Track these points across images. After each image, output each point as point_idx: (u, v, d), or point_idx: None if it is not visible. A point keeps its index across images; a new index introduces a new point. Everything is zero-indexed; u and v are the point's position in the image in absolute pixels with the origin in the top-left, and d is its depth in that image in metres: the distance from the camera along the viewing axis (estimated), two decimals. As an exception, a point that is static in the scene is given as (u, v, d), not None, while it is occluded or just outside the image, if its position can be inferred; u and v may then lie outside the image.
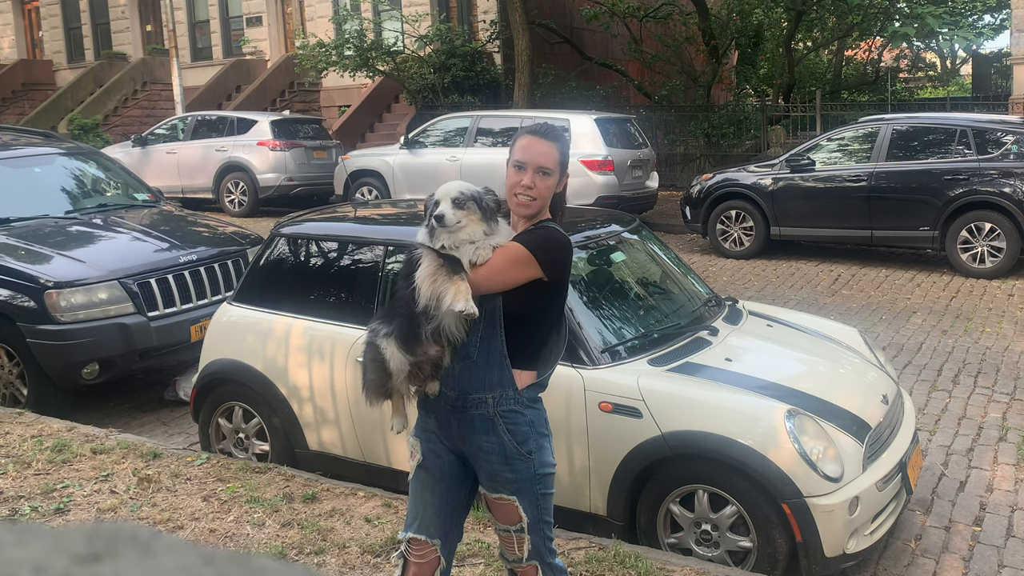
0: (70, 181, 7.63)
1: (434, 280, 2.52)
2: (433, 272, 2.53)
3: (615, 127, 13.03)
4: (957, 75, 37.30)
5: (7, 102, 24.70)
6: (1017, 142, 9.61)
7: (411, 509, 2.74)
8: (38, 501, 4.30)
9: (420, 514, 2.70)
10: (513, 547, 2.68)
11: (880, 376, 4.43)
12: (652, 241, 5.06)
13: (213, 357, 4.92)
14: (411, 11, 19.03)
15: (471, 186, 2.62)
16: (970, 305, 8.62)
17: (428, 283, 2.53)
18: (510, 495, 2.61)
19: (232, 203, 15.36)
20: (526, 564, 2.69)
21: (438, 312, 2.52)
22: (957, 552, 4.11)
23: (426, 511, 2.70)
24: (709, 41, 19.09)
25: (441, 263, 2.54)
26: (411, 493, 2.76)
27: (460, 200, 2.56)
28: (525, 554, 2.66)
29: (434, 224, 2.56)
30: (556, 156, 2.61)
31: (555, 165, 2.61)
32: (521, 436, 2.60)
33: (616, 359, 3.94)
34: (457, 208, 2.56)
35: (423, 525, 2.69)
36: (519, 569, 2.71)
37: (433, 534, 2.69)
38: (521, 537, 2.65)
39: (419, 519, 2.70)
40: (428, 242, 2.59)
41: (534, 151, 2.59)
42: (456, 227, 2.55)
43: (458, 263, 2.53)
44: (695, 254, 11.39)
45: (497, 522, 2.69)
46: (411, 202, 5.66)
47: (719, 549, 3.74)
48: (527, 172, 2.57)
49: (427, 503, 2.70)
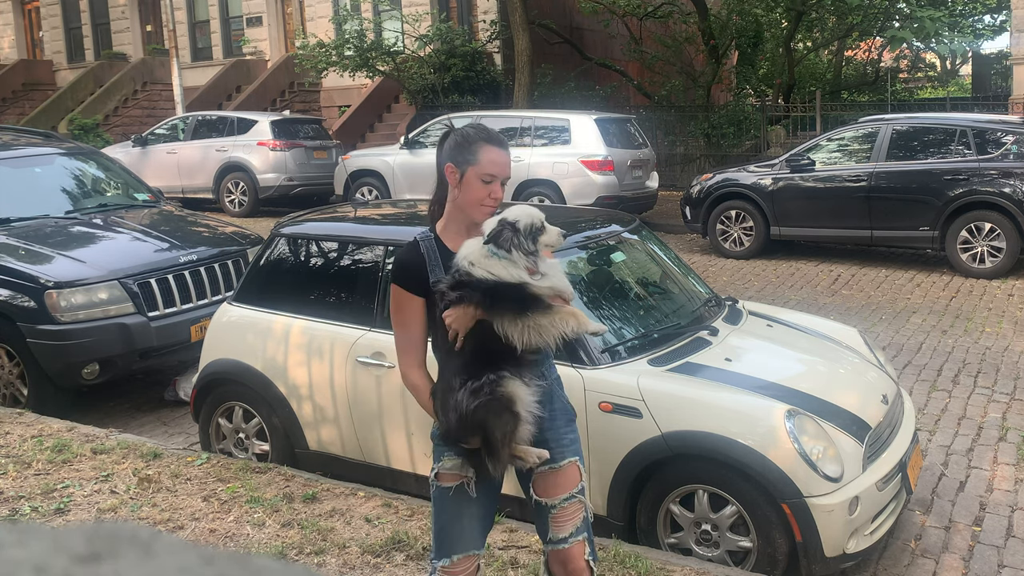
0: (70, 181, 7.63)
1: (547, 315, 2.49)
2: (543, 311, 2.49)
3: (615, 127, 13.04)
4: (957, 75, 37.31)
5: (7, 102, 24.71)
6: (1017, 142, 9.61)
7: (451, 529, 2.63)
8: (38, 501, 4.30)
9: (466, 531, 2.63)
10: (572, 518, 2.66)
11: (880, 376, 4.43)
12: (652, 241, 5.06)
13: (213, 357, 4.92)
14: (411, 11, 19.04)
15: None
16: (970, 305, 8.62)
17: (538, 320, 2.49)
18: (573, 455, 2.70)
19: (232, 203, 15.36)
20: (580, 538, 2.66)
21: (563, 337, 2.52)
22: (957, 552, 4.11)
23: (471, 524, 2.63)
24: (709, 41, 19.10)
25: (539, 303, 2.50)
26: (449, 513, 2.63)
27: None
28: (580, 522, 2.66)
29: (536, 249, 2.51)
30: (511, 163, 2.69)
31: (509, 171, 2.69)
32: (568, 398, 2.80)
33: (616, 359, 3.94)
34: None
35: (469, 541, 2.63)
36: (570, 548, 2.64)
37: (479, 545, 2.67)
38: (582, 501, 2.68)
39: (465, 536, 2.62)
40: (513, 267, 2.47)
41: (502, 165, 2.63)
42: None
43: (542, 300, 2.51)
44: (695, 254, 11.39)
45: (558, 496, 2.65)
46: (411, 202, 5.66)
47: (719, 549, 3.74)
48: (496, 185, 2.62)
49: (472, 516, 2.63)
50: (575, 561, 2.66)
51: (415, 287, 2.63)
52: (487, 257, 2.46)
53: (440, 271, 2.60)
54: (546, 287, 2.51)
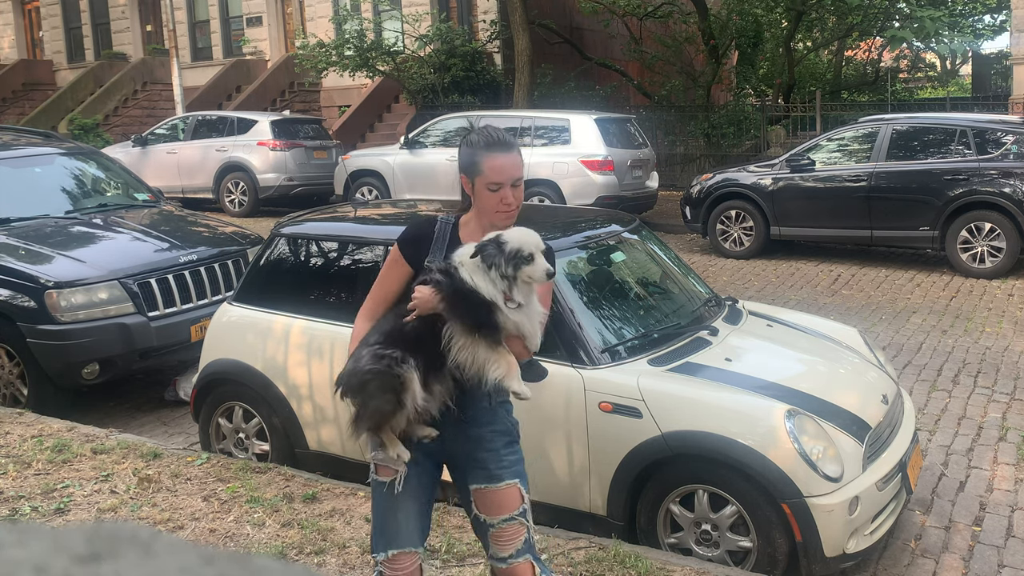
0: (70, 181, 7.63)
1: (489, 350, 2.46)
2: (489, 344, 2.46)
3: (615, 127, 13.04)
4: (957, 75, 37.31)
5: (7, 102, 24.71)
6: (1017, 142, 9.61)
7: (386, 525, 2.65)
8: (38, 501, 4.30)
9: (401, 526, 2.64)
10: (512, 540, 2.64)
11: (880, 376, 4.43)
12: (652, 241, 5.06)
13: (213, 357, 4.92)
14: (411, 11, 19.04)
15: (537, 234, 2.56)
16: (970, 305, 8.62)
17: (479, 348, 2.46)
18: (513, 478, 2.65)
19: (232, 203, 15.36)
20: (521, 560, 2.65)
21: (484, 378, 2.47)
22: (957, 552, 4.11)
23: (408, 521, 2.64)
24: (709, 41, 19.10)
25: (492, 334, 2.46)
26: (383, 508, 2.66)
27: (544, 253, 2.52)
28: (521, 544, 2.64)
29: (515, 275, 2.44)
30: (522, 160, 2.65)
31: (523, 169, 2.64)
32: (514, 419, 2.72)
33: (616, 359, 3.94)
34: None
35: (407, 537, 2.64)
36: (513, 567, 2.65)
37: (417, 542, 2.66)
38: (523, 524, 2.65)
39: (401, 532, 2.63)
40: (493, 287, 2.45)
41: (507, 169, 2.58)
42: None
43: (498, 332, 2.47)
44: (695, 254, 11.39)
45: (496, 516, 2.64)
46: (411, 202, 5.66)
47: (719, 549, 3.74)
48: (505, 189, 2.57)
49: (408, 513, 2.64)
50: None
51: (411, 257, 2.68)
52: (475, 265, 2.47)
53: (440, 254, 2.63)
54: (512, 321, 2.48)
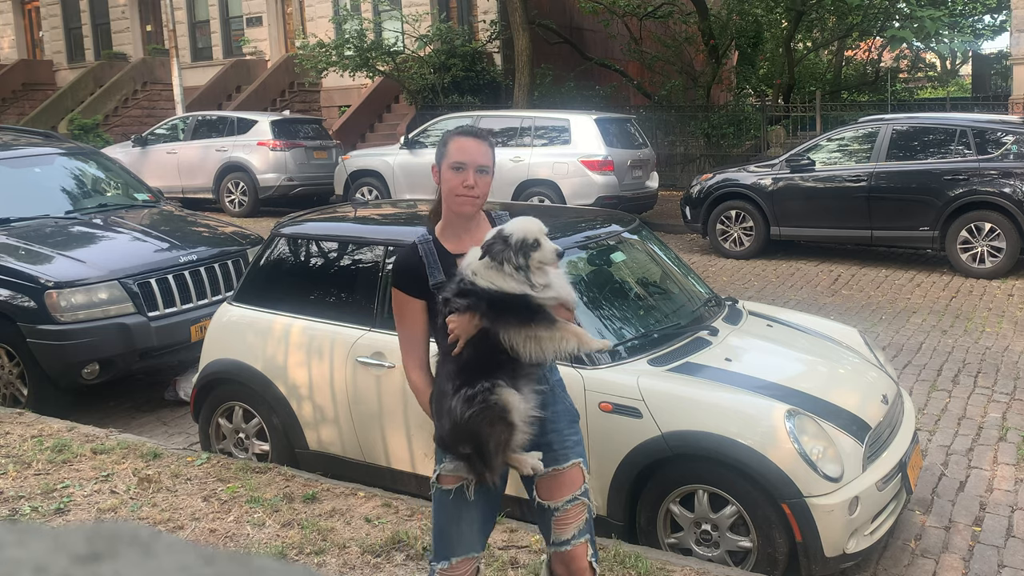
0: (70, 181, 7.63)
1: (550, 331, 2.48)
2: (547, 326, 2.48)
3: (615, 127, 13.04)
4: (957, 75, 37.32)
5: (7, 102, 24.71)
6: (1017, 142, 9.61)
7: (450, 531, 2.63)
8: (38, 501, 4.30)
9: (465, 533, 2.62)
10: (576, 519, 2.65)
11: (880, 376, 4.43)
12: (652, 241, 5.06)
13: (213, 357, 4.92)
14: (411, 11, 19.05)
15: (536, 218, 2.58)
16: (970, 305, 8.62)
17: (540, 335, 2.48)
18: (577, 457, 2.69)
19: (232, 203, 15.36)
20: (582, 540, 2.65)
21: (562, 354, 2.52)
22: (957, 552, 4.11)
23: (470, 527, 2.63)
24: (709, 41, 19.10)
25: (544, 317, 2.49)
26: (447, 517, 2.64)
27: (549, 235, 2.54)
28: (583, 524, 2.66)
29: (527, 264, 2.45)
30: (491, 154, 2.66)
31: (491, 163, 2.65)
32: (571, 399, 2.80)
33: (616, 359, 3.94)
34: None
35: (468, 543, 2.63)
36: (573, 549, 2.64)
37: (480, 547, 2.67)
38: (585, 502, 2.67)
39: (464, 538, 2.62)
40: (512, 281, 2.45)
41: (472, 151, 2.60)
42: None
43: (546, 314, 2.50)
44: (695, 254, 11.39)
45: (561, 498, 2.64)
46: (411, 202, 5.66)
47: (719, 549, 3.74)
48: (468, 172, 2.58)
49: (472, 519, 2.63)
50: (578, 561, 2.66)
51: (415, 290, 2.65)
52: (487, 268, 2.46)
53: (439, 273, 2.61)
54: (549, 297, 2.49)
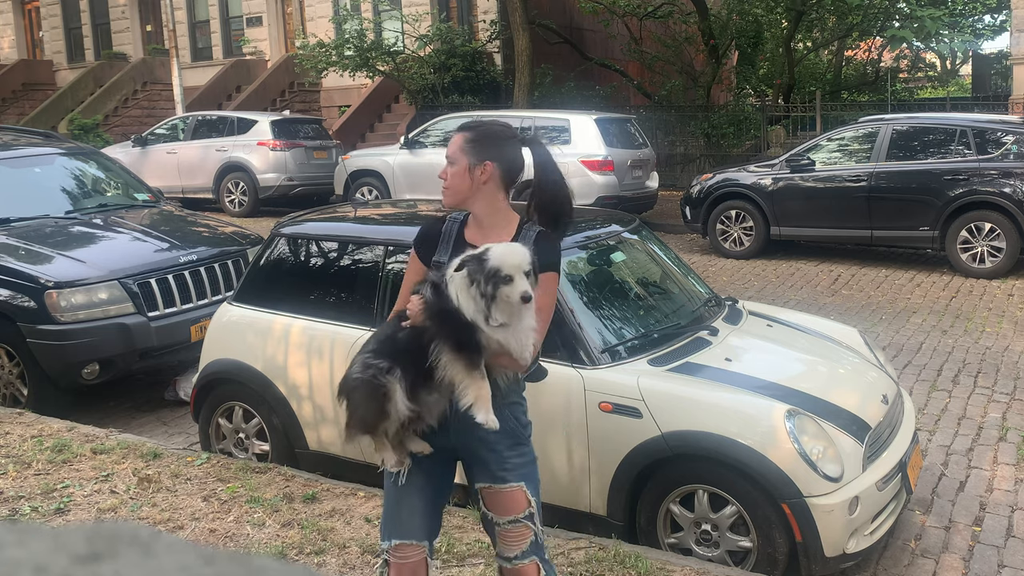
0: (70, 181, 7.63)
1: (464, 374, 2.41)
2: (466, 366, 2.41)
3: (615, 127, 13.03)
4: (957, 75, 37.32)
5: (7, 102, 24.71)
6: (1017, 142, 9.61)
7: (392, 515, 2.69)
8: (38, 501, 4.30)
9: (405, 519, 2.67)
10: (518, 541, 2.65)
11: (880, 376, 4.43)
12: (652, 241, 5.06)
13: (213, 357, 4.92)
14: (411, 11, 19.04)
15: (527, 250, 2.45)
16: (970, 305, 8.62)
17: (455, 370, 2.42)
18: (518, 481, 2.64)
19: (232, 203, 15.36)
20: (528, 561, 2.65)
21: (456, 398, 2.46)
22: (957, 552, 4.11)
23: (412, 515, 2.67)
24: (709, 41, 19.10)
25: (470, 356, 2.41)
26: (391, 499, 2.70)
27: (529, 272, 2.42)
28: (527, 546, 2.64)
29: (494, 294, 2.36)
30: (458, 143, 2.68)
31: (459, 153, 2.66)
32: (524, 421, 2.70)
33: (616, 359, 3.94)
34: (530, 280, 2.42)
35: (409, 530, 2.66)
36: (518, 568, 2.66)
37: (420, 536, 2.68)
38: (528, 527, 2.65)
39: (404, 524, 2.67)
40: (472, 305, 2.38)
41: (448, 147, 2.71)
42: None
43: (478, 354, 2.42)
44: (695, 254, 11.39)
45: (502, 516, 2.64)
46: (411, 202, 5.66)
47: (719, 549, 3.74)
48: (446, 165, 2.70)
49: (413, 508, 2.67)
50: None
51: (425, 256, 2.76)
52: (462, 279, 2.42)
53: (445, 252, 2.68)
54: (495, 340, 2.42)
